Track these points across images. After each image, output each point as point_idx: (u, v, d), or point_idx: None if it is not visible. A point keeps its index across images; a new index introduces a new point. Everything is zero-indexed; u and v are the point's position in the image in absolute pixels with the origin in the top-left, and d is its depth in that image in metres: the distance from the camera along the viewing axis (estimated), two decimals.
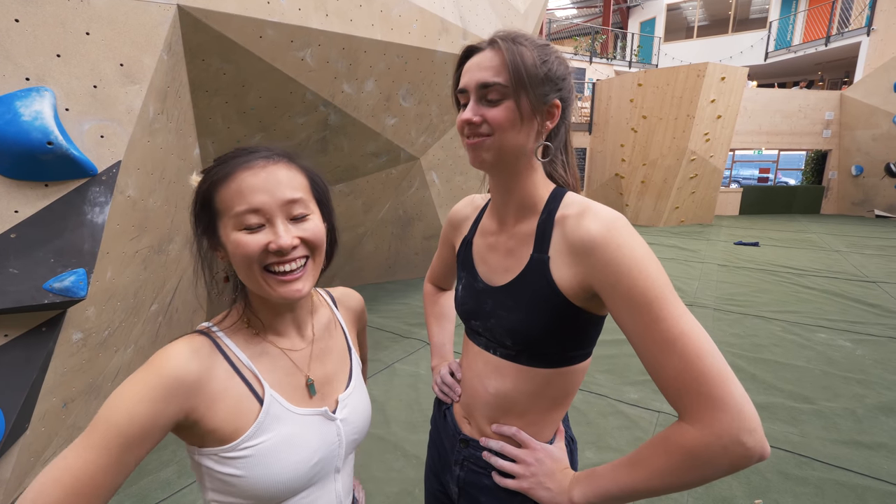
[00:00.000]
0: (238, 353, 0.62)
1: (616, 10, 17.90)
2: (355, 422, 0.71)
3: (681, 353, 0.53)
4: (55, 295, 1.55)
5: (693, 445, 0.53)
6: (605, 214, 0.63)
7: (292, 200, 0.59)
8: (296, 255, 0.59)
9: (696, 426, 0.53)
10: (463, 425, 0.83)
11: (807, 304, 4.38)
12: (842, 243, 7.48)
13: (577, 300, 0.65)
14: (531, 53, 0.64)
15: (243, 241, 0.57)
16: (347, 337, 0.78)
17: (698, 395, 0.52)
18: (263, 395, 0.61)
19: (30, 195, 1.52)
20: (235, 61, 2.34)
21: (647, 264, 0.58)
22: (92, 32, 1.60)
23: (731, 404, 0.51)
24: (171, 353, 0.56)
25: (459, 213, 0.90)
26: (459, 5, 3.53)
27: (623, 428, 2.39)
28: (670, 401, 0.56)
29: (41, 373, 1.68)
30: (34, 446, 1.85)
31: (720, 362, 0.53)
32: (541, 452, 0.72)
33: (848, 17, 12.34)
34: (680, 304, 0.57)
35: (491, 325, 0.74)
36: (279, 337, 0.67)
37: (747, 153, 13.93)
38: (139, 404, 0.51)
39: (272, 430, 0.60)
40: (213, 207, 0.59)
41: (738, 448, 0.50)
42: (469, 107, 0.66)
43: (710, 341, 0.54)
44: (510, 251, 0.73)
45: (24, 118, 1.41)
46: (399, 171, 4.17)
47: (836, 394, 2.74)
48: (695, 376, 0.52)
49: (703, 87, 8.25)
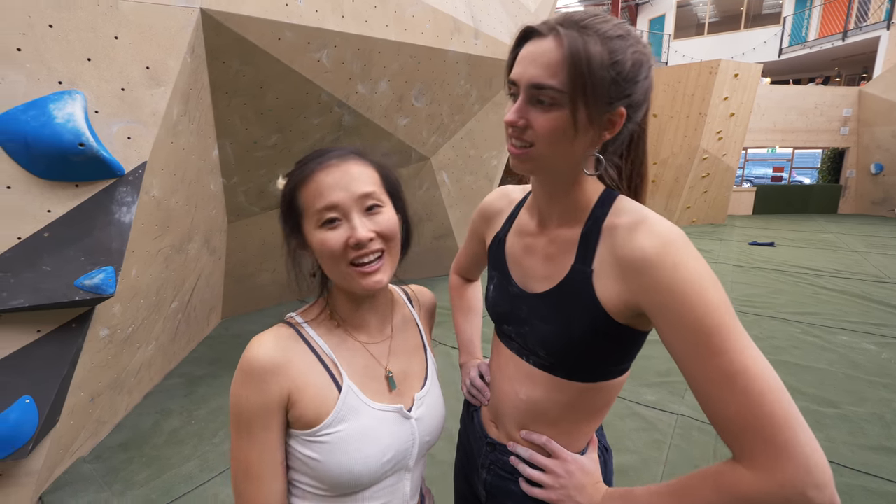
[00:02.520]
0: (320, 342, 0.65)
1: (625, 8, 17.75)
2: (430, 422, 0.72)
3: (742, 390, 0.48)
4: (85, 292, 1.59)
5: (749, 492, 0.48)
6: (662, 229, 0.56)
7: (365, 194, 0.62)
8: (373, 247, 0.62)
9: (754, 472, 0.47)
10: (490, 429, 0.80)
11: (826, 306, 4.30)
12: (861, 243, 7.32)
13: (620, 318, 0.59)
14: (600, 50, 0.53)
15: (326, 238, 0.61)
16: (423, 335, 0.80)
17: (761, 439, 0.47)
18: (342, 384, 0.64)
19: (61, 195, 1.57)
20: (254, 63, 2.38)
21: (706, 288, 0.51)
22: (120, 37, 1.65)
23: (799, 453, 0.45)
24: (256, 344, 0.61)
25: (493, 205, 0.84)
26: (471, 5, 3.54)
27: (640, 430, 2.38)
28: (726, 440, 0.51)
29: (71, 367, 1.73)
30: (64, 439, 1.91)
31: (787, 404, 0.47)
32: (572, 464, 0.68)
33: (866, 10, 12.09)
34: (744, 334, 0.51)
35: (525, 333, 0.70)
36: (359, 330, 0.70)
37: (761, 151, 13.73)
38: (244, 393, 0.59)
39: (348, 421, 0.62)
40: (297, 208, 0.63)
41: (800, 500, 0.45)
42: (516, 106, 0.58)
43: (776, 379, 0.49)
44: (550, 257, 0.68)
45: (58, 121, 1.45)
46: (410, 170, 4.20)
47: (862, 398, 2.67)
48: (758, 417, 0.47)
49: (716, 85, 8.15)
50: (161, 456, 2.17)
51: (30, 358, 1.58)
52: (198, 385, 2.82)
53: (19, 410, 1.52)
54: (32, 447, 1.62)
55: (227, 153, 2.79)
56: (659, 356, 3.24)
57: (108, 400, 2.22)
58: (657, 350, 3.38)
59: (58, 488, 1.93)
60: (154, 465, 2.10)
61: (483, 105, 4.22)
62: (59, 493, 1.91)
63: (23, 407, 1.53)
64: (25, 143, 1.42)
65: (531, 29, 0.58)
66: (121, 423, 2.43)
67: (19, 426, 1.51)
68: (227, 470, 2.04)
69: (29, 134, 1.42)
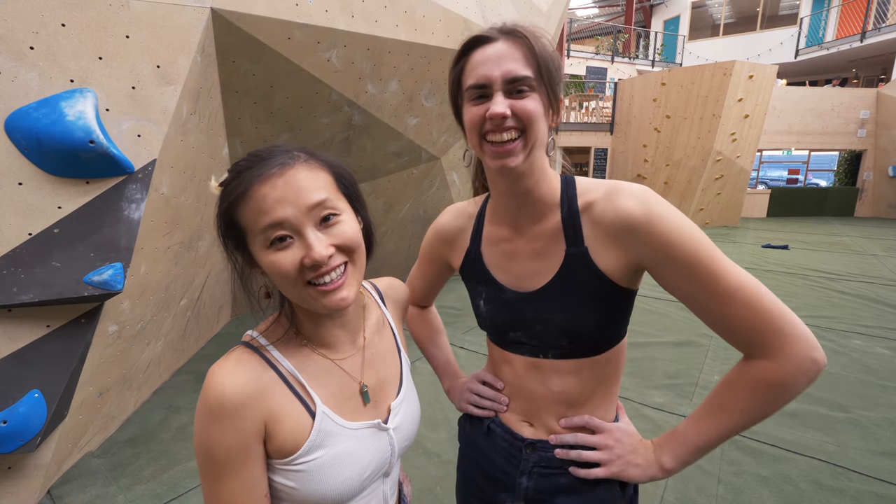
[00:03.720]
0: (288, 367, 0.59)
1: (639, 9, 17.61)
2: (407, 428, 0.69)
3: (744, 301, 0.57)
4: (94, 288, 1.61)
5: (776, 378, 0.58)
6: (635, 190, 0.63)
7: (317, 203, 0.54)
8: (333, 263, 0.55)
9: (773, 359, 0.58)
10: (523, 430, 0.77)
11: (840, 310, 4.22)
12: (877, 247, 7.17)
13: (622, 281, 0.66)
14: (547, 47, 0.64)
15: (276, 260, 0.53)
16: (396, 336, 0.75)
17: (771, 334, 0.57)
18: (316, 410, 0.59)
19: (72, 192, 1.59)
20: (264, 62, 2.39)
21: (690, 229, 0.60)
22: (131, 35, 1.67)
23: (799, 333, 0.57)
24: (219, 376, 0.54)
25: (450, 226, 0.82)
26: (482, 5, 3.53)
27: (647, 432, 2.34)
28: (739, 346, 0.61)
29: (80, 363, 1.75)
30: (72, 433, 1.93)
31: (777, 301, 0.58)
32: (617, 432, 0.71)
33: (885, 11, 11.84)
34: (725, 257, 0.60)
35: (538, 332, 0.70)
36: (328, 347, 0.64)
37: (776, 154, 13.52)
38: (215, 433, 0.53)
39: (325, 447, 0.58)
40: (239, 226, 0.55)
41: (812, 365, 0.56)
42: (497, 100, 0.61)
43: (761, 285, 0.58)
44: (537, 253, 0.70)
45: (69, 118, 1.47)
46: (420, 170, 4.20)
47: (874, 403, 2.62)
48: (762, 318, 0.57)
49: (730, 86, 8.03)
50: (168, 451, 2.18)
51: (39, 352, 1.60)
52: None
53: (28, 404, 1.53)
54: (41, 441, 1.64)
55: (237, 152, 2.81)
56: (666, 358, 3.20)
57: (116, 395, 2.24)
58: (664, 352, 3.35)
59: (66, 482, 1.96)
60: (161, 460, 2.12)
61: None
62: (67, 486, 1.93)
63: (32, 401, 1.55)
64: (37, 140, 1.44)
65: (480, 36, 0.64)
66: (129, 418, 2.45)
67: (28, 420, 1.53)
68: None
69: (41, 131, 1.44)
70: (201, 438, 0.53)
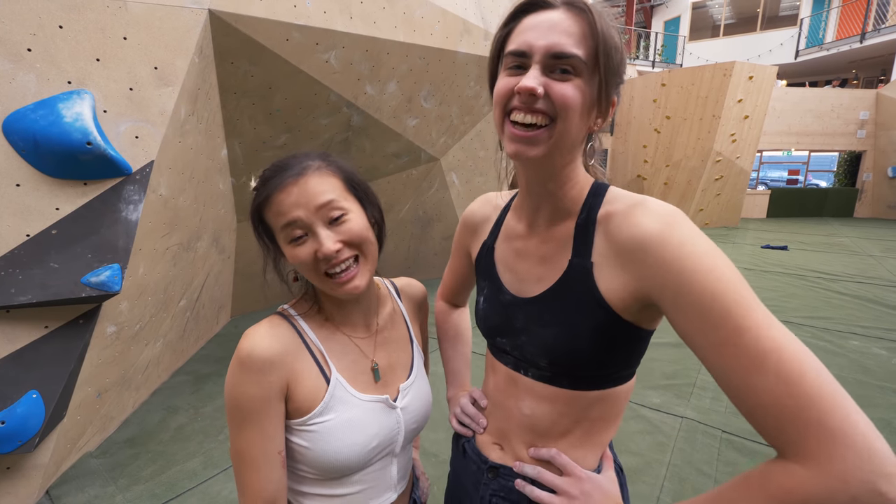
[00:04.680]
0: (312, 335, 0.68)
1: (639, 9, 17.61)
2: (415, 411, 0.74)
3: (776, 371, 0.41)
4: (92, 289, 1.61)
5: (808, 493, 0.39)
6: (660, 208, 0.53)
7: (324, 204, 0.62)
8: (343, 256, 0.63)
9: (808, 467, 0.39)
10: (491, 452, 0.71)
11: (839, 311, 4.22)
12: (876, 248, 7.17)
13: (625, 313, 0.55)
14: (615, 32, 0.53)
15: (295, 253, 0.63)
16: (409, 328, 0.81)
17: (808, 427, 0.39)
18: (331, 376, 0.66)
19: (70, 193, 1.59)
20: (263, 64, 2.40)
21: (717, 264, 0.46)
22: (129, 37, 1.67)
23: (858, 439, 0.38)
24: (254, 335, 0.62)
25: (476, 214, 0.79)
26: (481, 6, 3.53)
27: (645, 433, 2.35)
28: (766, 436, 0.43)
29: (78, 363, 1.76)
30: (71, 433, 1.94)
31: (832, 383, 0.41)
32: (587, 483, 0.60)
33: (885, 12, 11.84)
34: (765, 309, 0.44)
35: (521, 343, 0.64)
36: (346, 325, 0.72)
37: (776, 154, 13.52)
38: (243, 385, 0.60)
39: (336, 411, 0.65)
40: (267, 224, 0.65)
41: (874, 498, 0.37)
42: (531, 74, 0.52)
43: (812, 355, 0.42)
44: (544, 258, 0.63)
45: (66, 120, 1.48)
46: (419, 171, 4.20)
47: (871, 404, 2.63)
48: (800, 401, 0.40)
49: (730, 87, 8.04)
50: (167, 452, 2.19)
51: (37, 353, 1.61)
52: (205, 382, 2.85)
53: (26, 404, 1.54)
54: (39, 441, 1.65)
55: (235, 153, 2.82)
56: (664, 358, 3.20)
57: (115, 396, 2.25)
58: (662, 352, 3.35)
59: (64, 482, 1.96)
60: (159, 460, 2.13)
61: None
62: (65, 486, 1.94)
63: (30, 401, 1.55)
64: (34, 142, 1.45)
65: (538, 0, 0.55)
66: (128, 419, 2.46)
67: (26, 420, 1.54)
68: (231, 467, 2.06)
69: (38, 133, 1.44)
70: (231, 388, 0.61)
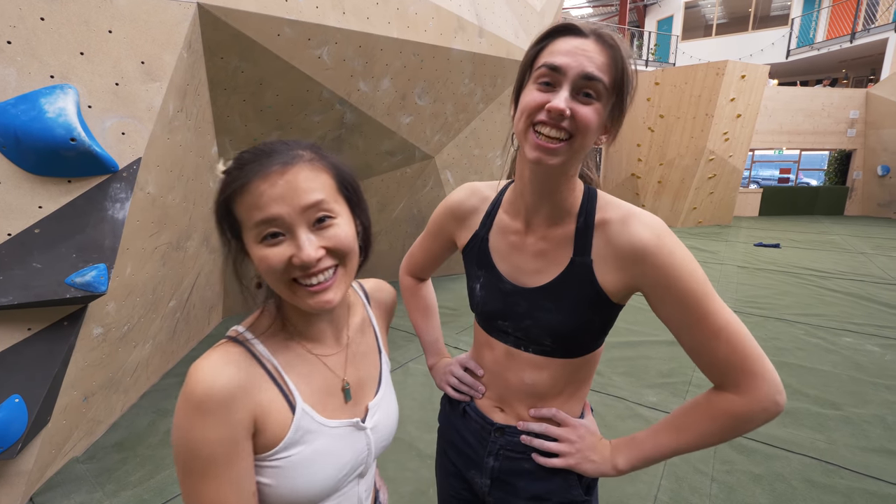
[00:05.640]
0: (273, 360, 0.59)
1: (633, 9, 17.66)
2: (384, 429, 0.69)
3: (726, 339, 0.63)
4: (76, 290, 1.57)
5: (739, 411, 0.63)
6: (651, 221, 0.66)
7: (312, 204, 0.53)
8: (322, 265, 0.54)
9: (741, 395, 0.63)
10: (494, 415, 0.82)
11: (831, 308, 4.25)
12: (867, 245, 7.25)
13: (615, 298, 0.69)
14: (630, 64, 0.63)
15: (265, 255, 0.53)
16: (378, 337, 0.75)
17: (743, 372, 0.63)
18: (297, 405, 0.58)
19: (53, 191, 1.55)
20: (253, 59, 2.35)
21: (693, 267, 0.64)
22: (114, 30, 1.62)
23: (769, 376, 0.63)
24: (207, 369, 0.53)
25: (464, 204, 0.83)
26: (476, 3, 3.50)
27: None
28: (713, 377, 0.67)
29: (63, 366, 1.71)
30: (55, 439, 1.88)
31: (756, 344, 0.64)
32: (581, 428, 0.76)
33: (874, 12, 11.96)
34: (718, 297, 0.65)
35: (525, 326, 0.74)
36: (314, 342, 0.64)
37: (767, 153, 13.64)
38: (201, 429, 0.50)
39: (302, 443, 0.58)
40: (234, 216, 0.55)
41: (773, 407, 0.63)
42: (562, 95, 0.60)
43: (744, 327, 0.65)
44: (542, 253, 0.72)
45: (49, 115, 1.43)
46: (414, 169, 4.17)
47: (864, 400, 2.64)
48: (740, 357, 0.63)
49: (723, 86, 8.08)
50: (156, 456, 2.14)
51: (20, 356, 1.56)
52: None
53: (8, 409, 1.49)
54: (22, 447, 1.60)
55: (226, 150, 2.77)
56: (659, 357, 3.20)
57: (102, 399, 2.20)
58: (658, 351, 3.35)
59: (49, 488, 1.91)
60: (148, 464, 2.08)
61: (488, 104, 4.19)
62: (50, 493, 1.89)
63: (12, 406, 1.50)
64: (15, 138, 1.40)
65: (572, 26, 0.64)
66: (116, 422, 2.40)
67: (8, 426, 1.49)
68: None
69: (19, 128, 1.39)
70: (184, 435, 0.51)
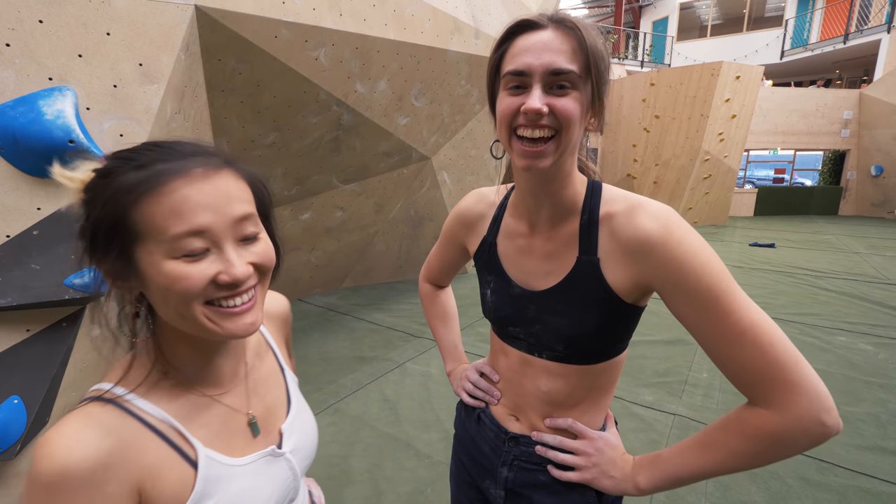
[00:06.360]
0: (157, 413, 0.50)
1: (628, 10, 17.74)
2: (305, 448, 0.64)
3: (752, 343, 0.54)
4: (75, 291, 1.57)
5: (774, 430, 0.54)
6: (657, 210, 0.60)
7: (243, 217, 0.48)
8: (248, 284, 0.49)
9: (774, 411, 0.54)
10: (509, 423, 0.79)
11: (826, 307, 4.29)
12: (861, 245, 7.31)
13: (628, 297, 0.64)
14: (600, 42, 0.58)
15: (185, 273, 0.44)
16: (277, 355, 0.68)
17: (775, 382, 0.53)
18: (197, 458, 0.51)
19: (52, 193, 1.55)
20: (251, 61, 2.36)
21: (708, 258, 0.57)
22: (112, 33, 1.63)
23: (809, 388, 0.52)
24: (63, 441, 0.42)
25: (472, 210, 0.82)
26: (472, 5, 3.52)
27: (638, 430, 2.36)
28: (743, 389, 0.57)
29: (61, 367, 1.71)
30: None
31: (791, 348, 0.54)
32: (599, 441, 0.71)
33: (867, 13, 12.07)
34: (743, 293, 0.56)
35: (536, 331, 0.71)
36: (207, 382, 0.55)
37: (762, 153, 13.72)
38: None
39: (216, 494, 0.51)
40: (131, 228, 0.44)
41: (818, 428, 0.52)
42: (535, 94, 0.57)
43: (778, 328, 0.55)
44: (549, 254, 0.69)
45: (47, 117, 1.43)
46: (410, 170, 4.18)
47: (858, 398, 2.67)
48: (770, 364, 0.53)
49: (718, 87, 8.13)
50: None
51: (19, 357, 1.56)
52: None
53: (7, 410, 1.49)
54: (21, 448, 1.60)
55: None
56: (656, 356, 3.23)
57: None
58: (654, 350, 3.37)
59: None
60: None
61: (484, 105, 4.21)
62: None
63: (11, 407, 1.50)
64: (14, 140, 1.40)
65: (528, 21, 0.60)
66: None
67: (7, 427, 1.49)
68: None
69: (17, 130, 1.40)
70: None
